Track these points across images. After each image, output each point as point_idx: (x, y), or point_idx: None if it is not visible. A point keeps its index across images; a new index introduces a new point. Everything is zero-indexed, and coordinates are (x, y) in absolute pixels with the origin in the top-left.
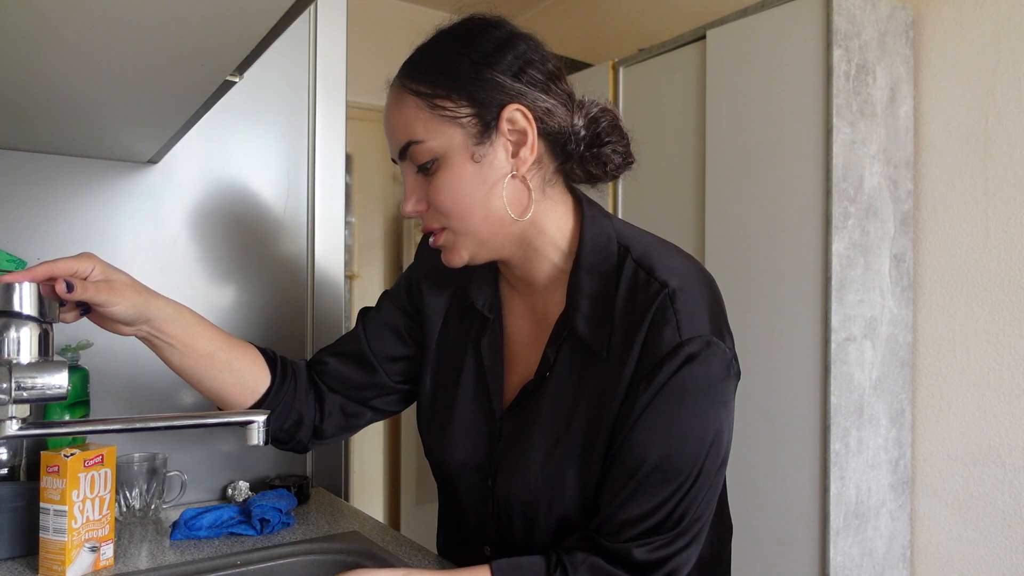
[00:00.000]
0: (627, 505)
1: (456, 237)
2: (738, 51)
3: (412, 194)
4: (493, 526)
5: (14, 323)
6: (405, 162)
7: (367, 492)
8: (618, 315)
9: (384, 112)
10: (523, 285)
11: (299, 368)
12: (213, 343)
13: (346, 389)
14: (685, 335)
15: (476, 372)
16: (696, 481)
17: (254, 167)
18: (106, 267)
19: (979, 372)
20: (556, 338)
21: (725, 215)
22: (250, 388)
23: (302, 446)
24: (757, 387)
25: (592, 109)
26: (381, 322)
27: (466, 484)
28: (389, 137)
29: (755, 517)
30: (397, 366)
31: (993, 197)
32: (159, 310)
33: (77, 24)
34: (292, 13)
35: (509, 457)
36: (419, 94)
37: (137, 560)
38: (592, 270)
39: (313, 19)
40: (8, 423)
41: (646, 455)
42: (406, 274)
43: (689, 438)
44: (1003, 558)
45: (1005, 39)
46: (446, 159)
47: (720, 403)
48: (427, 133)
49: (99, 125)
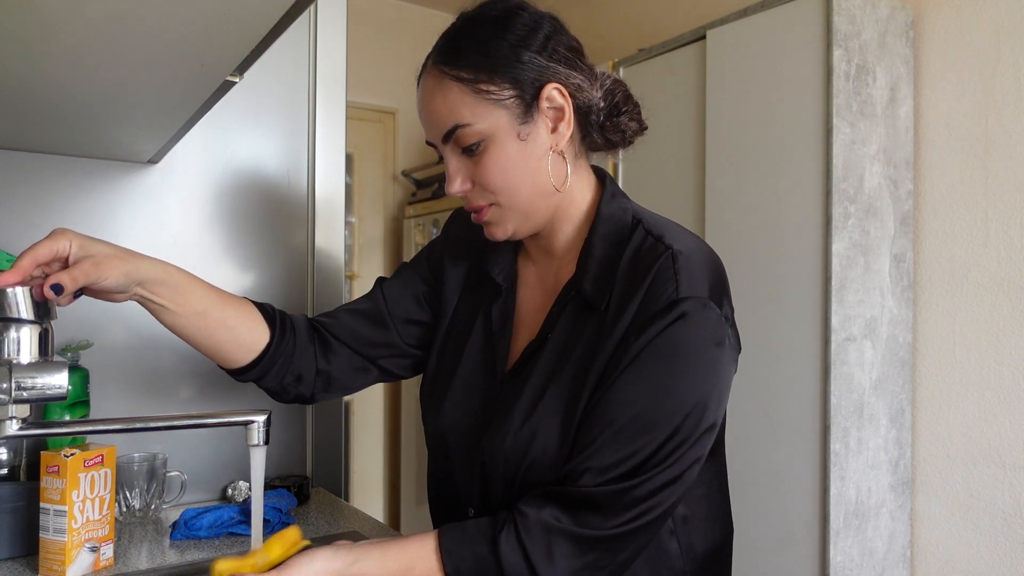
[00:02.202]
0: (595, 454)
1: (503, 212)
2: (738, 51)
3: (457, 174)
4: (477, 486)
5: (14, 323)
6: (448, 145)
7: (367, 492)
8: (621, 272)
9: (421, 99)
10: (542, 254)
11: (299, 322)
12: (206, 300)
13: (356, 343)
14: (683, 293)
15: (484, 338)
16: (669, 440)
17: (254, 167)
18: (83, 240)
19: (979, 372)
20: (562, 299)
21: (725, 215)
22: (247, 345)
23: (304, 400)
24: (757, 387)
25: (606, 81)
26: (401, 285)
27: (457, 447)
28: (431, 122)
29: (755, 517)
30: (412, 329)
31: (993, 197)
32: (148, 272)
33: (77, 25)
34: (292, 13)
35: (498, 416)
36: (461, 80)
37: (137, 560)
38: (605, 238)
39: (313, 19)
40: (8, 423)
41: (624, 406)
42: (428, 245)
43: (671, 395)
44: (1003, 558)
45: (1005, 39)
46: (493, 139)
47: (709, 367)
48: (473, 116)
49: (99, 125)
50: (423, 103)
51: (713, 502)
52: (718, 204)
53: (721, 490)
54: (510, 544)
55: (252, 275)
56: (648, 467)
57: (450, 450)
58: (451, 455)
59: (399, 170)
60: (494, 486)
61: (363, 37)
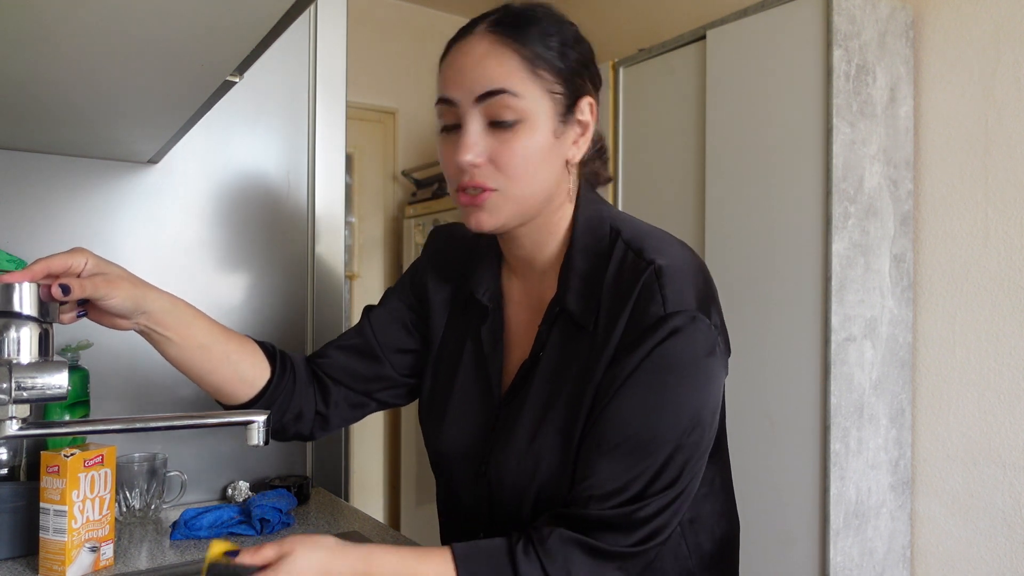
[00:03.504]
0: (598, 481)
1: (504, 201)
2: (738, 51)
3: (475, 145)
4: (486, 511)
5: (14, 323)
6: (477, 108)
7: (367, 492)
8: (606, 291)
9: (465, 55)
10: (524, 268)
11: (298, 362)
12: (210, 336)
13: (351, 381)
14: (670, 308)
15: (476, 360)
16: (671, 457)
17: (254, 167)
18: (99, 260)
19: (979, 372)
20: (548, 317)
21: (725, 215)
22: (248, 381)
23: (303, 437)
24: (757, 387)
25: None
26: (388, 315)
27: (461, 471)
28: (473, 78)
29: (755, 517)
30: (404, 359)
31: (993, 197)
32: (155, 302)
33: (77, 25)
34: (292, 13)
35: (500, 440)
36: (521, 53)
37: (137, 560)
38: (585, 250)
39: (313, 19)
40: (8, 423)
41: (621, 427)
42: (411, 269)
43: (666, 412)
44: (1003, 558)
45: (1005, 39)
46: (532, 123)
47: (702, 379)
48: (524, 90)
49: (99, 125)
50: (467, 59)
51: (717, 500)
52: (718, 204)
53: (725, 487)
54: (528, 558)
55: (252, 275)
56: (654, 488)
57: (453, 473)
58: (455, 478)
59: (399, 170)
60: (501, 509)
61: (363, 37)
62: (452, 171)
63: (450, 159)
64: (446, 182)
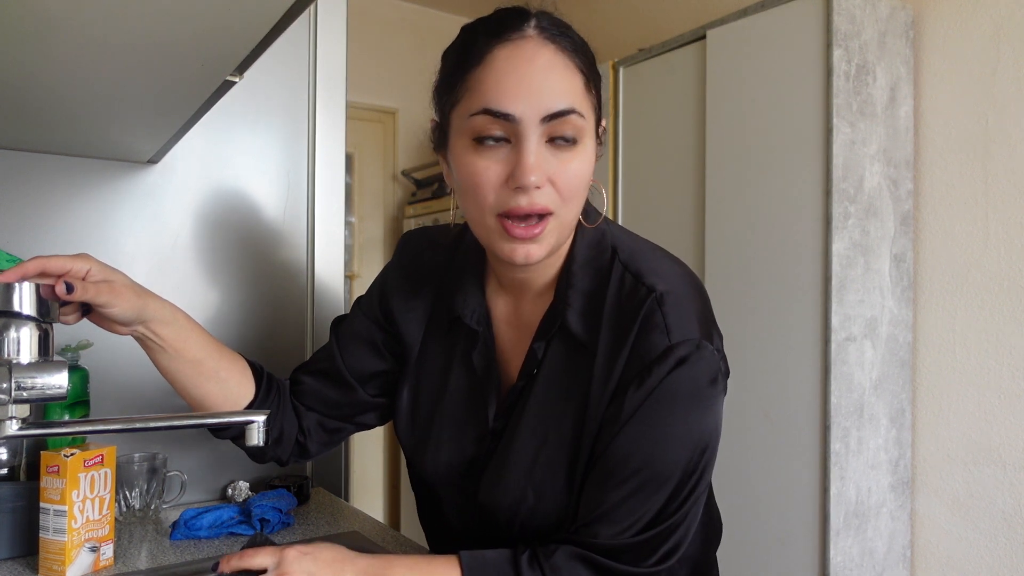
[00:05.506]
0: (607, 514)
1: (557, 227)
2: (738, 51)
3: (540, 166)
4: (477, 532)
5: (14, 323)
6: (541, 128)
7: (367, 492)
8: (607, 316)
9: (528, 60)
10: (518, 287)
11: (283, 385)
12: (204, 350)
13: (324, 407)
14: (675, 339)
15: (467, 384)
16: (680, 487)
17: (254, 167)
18: (104, 267)
19: (979, 372)
20: (544, 333)
21: (725, 215)
22: (233, 399)
23: (281, 462)
24: (757, 387)
25: None
26: (356, 336)
27: (450, 495)
28: (544, 92)
29: (755, 517)
30: (375, 382)
31: (993, 197)
32: (155, 311)
33: (76, 24)
34: (292, 13)
35: (493, 462)
36: (580, 68)
37: (137, 560)
38: (586, 265)
39: (313, 19)
40: (8, 423)
41: (629, 459)
42: (380, 280)
43: (674, 443)
44: (1003, 558)
45: (1005, 39)
46: (586, 143)
47: (707, 408)
48: (585, 110)
49: (99, 125)
50: (531, 68)
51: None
52: (718, 204)
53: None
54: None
55: (252, 275)
56: (666, 512)
57: (441, 497)
58: (443, 501)
59: (399, 170)
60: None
61: (363, 37)
62: (493, 192)
63: (489, 177)
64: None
